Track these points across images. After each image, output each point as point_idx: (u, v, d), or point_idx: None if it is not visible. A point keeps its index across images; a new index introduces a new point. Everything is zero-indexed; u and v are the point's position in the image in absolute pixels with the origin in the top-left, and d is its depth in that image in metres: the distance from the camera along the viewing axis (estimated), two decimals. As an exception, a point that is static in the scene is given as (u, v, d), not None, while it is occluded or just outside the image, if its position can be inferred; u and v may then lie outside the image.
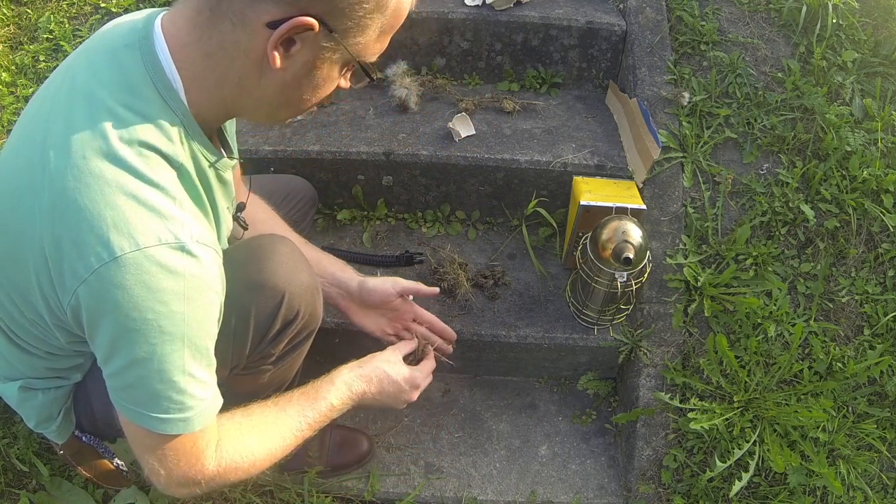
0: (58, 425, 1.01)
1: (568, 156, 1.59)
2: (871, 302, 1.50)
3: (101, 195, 0.69)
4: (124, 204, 0.69)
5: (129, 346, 0.72)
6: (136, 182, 0.71)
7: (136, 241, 0.69)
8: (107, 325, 0.71)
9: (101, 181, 0.69)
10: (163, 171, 0.73)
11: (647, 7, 1.75)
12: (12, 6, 2.00)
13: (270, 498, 1.39)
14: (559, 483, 1.44)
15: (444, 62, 1.83)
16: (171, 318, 0.72)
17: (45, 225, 0.71)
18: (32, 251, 0.73)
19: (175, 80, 0.76)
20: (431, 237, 1.69)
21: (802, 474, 1.35)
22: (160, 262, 0.70)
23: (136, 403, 0.77)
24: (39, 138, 0.73)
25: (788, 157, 1.59)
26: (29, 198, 0.73)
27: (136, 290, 0.69)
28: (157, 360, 0.73)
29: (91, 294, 0.70)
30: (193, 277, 0.73)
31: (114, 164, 0.70)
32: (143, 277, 0.69)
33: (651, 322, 1.47)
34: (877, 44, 1.69)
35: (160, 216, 0.71)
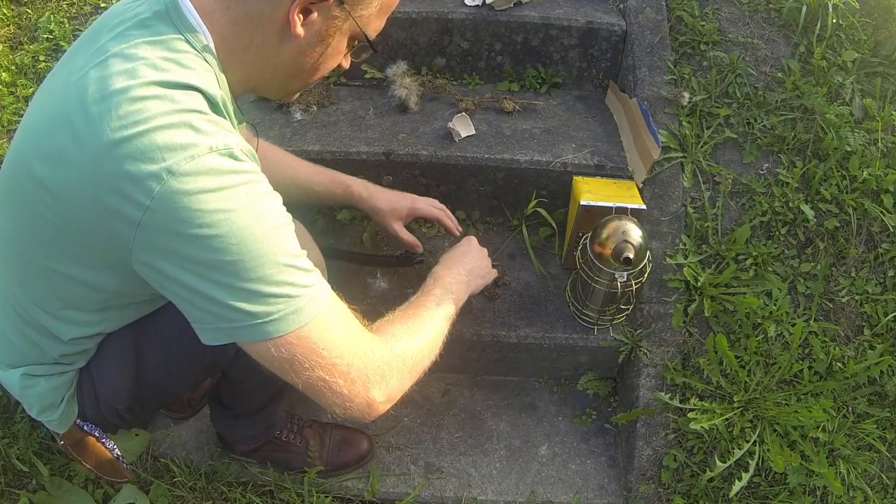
0: (60, 413, 1.00)
1: (568, 156, 1.59)
2: (871, 302, 1.50)
3: (147, 127, 0.71)
4: (171, 128, 0.72)
5: (213, 252, 0.73)
6: (179, 111, 0.73)
7: (189, 153, 0.71)
8: (184, 241, 0.72)
9: (146, 115, 0.71)
10: (202, 103, 0.77)
11: (647, 7, 1.75)
12: (12, 6, 2.00)
13: (270, 498, 1.39)
14: (559, 483, 1.44)
15: (444, 62, 1.83)
16: (242, 211, 0.73)
17: (95, 171, 0.72)
18: (84, 201, 0.74)
19: (208, 38, 0.80)
20: (431, 237, 1.68)
21: (802, 474, 1.35)
22: (217, 167, 0.72)
23: (241, 315, 0.75)
24: (75, 103, 0.74)
25: (788, 157, 1.59)
26: (73, 153, 0.74)
27: (200, 196, 0.71)
28: (244, 258, 0.73)
29: (159, 216, 0.71)
30: (250, 173, 0.76)
31: (155, 100, 0.73)
32: (204, 183, 0.71)
33: (651, 322, 1.47)
34: (877, 44, 1.69)
35: (206, 133, 0.73)
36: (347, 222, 1.70)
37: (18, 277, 0.88)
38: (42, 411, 1.00)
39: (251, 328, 0.76)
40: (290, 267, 0.77)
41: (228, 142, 0.74)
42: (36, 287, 0.88)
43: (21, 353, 0.96)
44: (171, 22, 0.79)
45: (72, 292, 0.86)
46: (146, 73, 0.74)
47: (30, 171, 0.78)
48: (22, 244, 0.84)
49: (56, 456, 1.39)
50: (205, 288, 0.74)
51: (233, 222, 0.72)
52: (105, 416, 1.05)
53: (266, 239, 0.75)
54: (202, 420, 1.49)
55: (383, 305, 1.51)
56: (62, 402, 1.00)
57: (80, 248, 0.80)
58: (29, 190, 0.79)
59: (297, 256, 0.78)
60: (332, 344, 0.81)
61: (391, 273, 1.59)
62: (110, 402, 1.02)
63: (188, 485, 1.37)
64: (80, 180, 0.73)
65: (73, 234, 0.78)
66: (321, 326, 0.80)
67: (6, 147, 1.68)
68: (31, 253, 0.84)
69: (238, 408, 1.31)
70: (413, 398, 1.58)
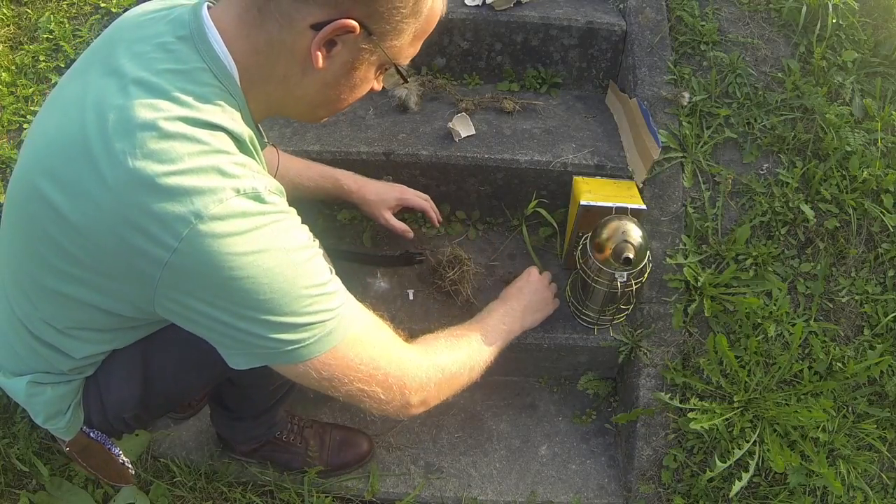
0: (67, 421, 1.00)
1: (568, 156, 1.59)
2: (871, 302, 1.50)
3: (174, 168, 0.70)
4: (199, 172, 0.71)
5: (243, 292, 0.74)
6: (206, 153, 0.73)
7: (218, 196, 0.71)
8: (213, 281, 0.73)
9: (172, 155, 0.71)
10: (229, 144, 0.76)
11: (647, 7, 1.75)
12: (12, 6, 2.00)
13: (270, 498, 1.39)
14: (559, 483, 1.44)
15: (444, 62, 1.83)
16: (271, 251, 0.74)
17: (118, 210, 0.71)
18: (104, 236, 0.73)
19: (232, 68, 0.79)
20: (431, 237, 1.68)
21: (802, 474, 1.35)
22: (243, 209, 0.73)
23: (279, 344, 0.78)
24: (94, 129, 0.73)
25: (788, 157, 1.59)
26: (93, 187, 0.72)
27: (228, 238, 0.71)
28: (275, 295, 0.75)
29: (186, 259, 0.71)
30: (276, 213, 0.76)
31: (182, 140, 0.72)
32: (231, 226, 0.72)
33: (651, 322, 1.47)
34: (877, 44, 1.69)
35: (233, 176, 0.73)
36: (347, 222, 1.70)
37: (27, 294, 0.87)
38: (48, 419, 0.99)
39: (285, 354, 0.79)
40: (320, 296, 0.79)
41: (255, 184, 0.74)
42: (46, 306, 0.86)
43: (27, 363, 0.95)
44: (195, 48, 0.77)
45: (83, 315, 0.86)
46: (171, 108, 0.73)
47: (40, 193, 0.76)
48: (31, 264, 0.83)
49: (56, 456, 1.39)
50: (236, 322, 0.76)
51: (261, 263, 0.74)
52: (111, 423, 1.04)
53: (295, 275, 0.76)
54: (202, 420, 1.49)
55: (383, 305, 1.51)
56: (69, 410, 0.99)
57: (98, 278, 0.79)
58: (39, 211, 0.77)
59: (325, 284, 0.80)
60: (368, 356, 0.85)
61: (391, 273, 1.59)
62: (117, 410, 1.02)
63: (188, 485, 1.38)
64: (102, 216, 0.72)
65: (90, 265, 0.77)
66: (354, 343, 0.83)
67: (6, 147, 1.68)
68: (41, 274, 0.82)
69: (241, 411, 1.31)
70: (413, 398, 1.58)
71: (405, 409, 0.93)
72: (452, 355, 1.03)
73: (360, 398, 0.87)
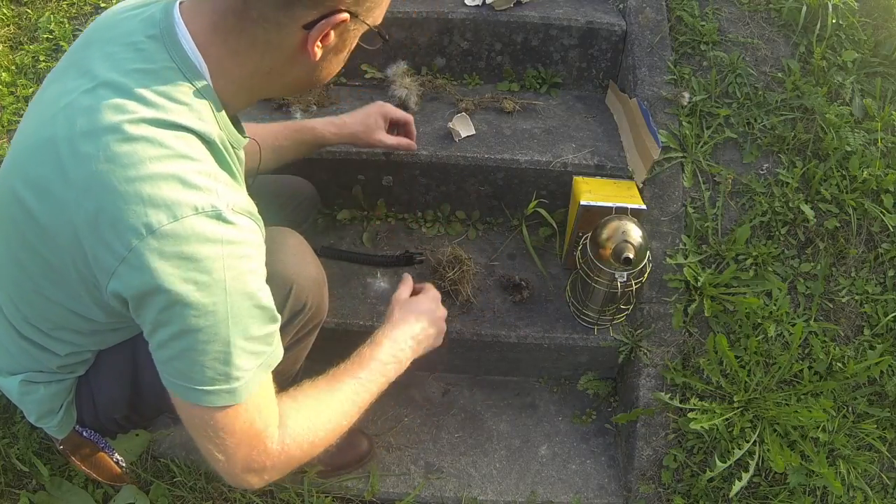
0: (59, 420, 1.00)
1: (568, 156, 1.59)
2: (871, 302, 1.50)
3: (135, 174, 0.69)
4: (158, 179, 0.69)
5: (173, 318, 0.71)
6: (170, 158, 0.70)
7: (173, 212, 0.68)
8: (151, 300, 0.71)
9: (134, 159, 0.69)
10: (196, 147, 0.74)
11: (647, 7, 1.75)
12: (12, 6, 2.00)
13: (270, 498, 1.39)
14: (559, 483, 1.44)
15: (444, 62, 1.83)
16: (213, 287, 0.71)
17: (78, 210, 0.71)
18: (66, 237, 0.73)
19: (202, 68, 0.77)
20: (431, 237, 1.68)
21: (802, 474, 1.35)
22: (198, 232, 0.69)
23: (181, 377, 0.75)
24: (63, 132, 0.73)
25: (788, 157, 1.59)
26: (58, 187, 0.72)
27: (175, 261, 0.69)
28: (201, 332, 0.72)
29: (132, 271, 0.70)
30: (232, 244, 0.72)
31: (145, 143, 0.70)
32: (182, 248, 0.69)
33: (651, 322, 1.47)
34: (877, 44, 1.69)
35: (195, 188, 0.70)
36: (347, 222, 1.70)
37: (11, 297, 0.88)
38: (41, 417, 1.00)
39: (187, 391, 0.76)
40: (245, 352, 0.76)
41: (217, 203, 0.71)
42: (27, 309, 0.87)
43: (19, 362, 0.96)
44: (164, 47, 0.75)
45: (62, 318, 0.86)
46: (137, 109, 0.71)
47: (15, 195, 0.76)
48: (13, 267, 0.83)
49: (56, 456, 1.39)
50: (159, 344, 0.74)
51: (203, 296, 0.70)
52: (103, 423, 1.05)
53: (231, 320, 0.73)
54: (202, 420, 1.49)
55: (383, 305, 1.51)
56: (61, 409, 1.00)
57: (64, 280, 0.78)
58: (17, 214, 0.77)
59: (254, 340, 0.77)
60: (234, 431, 0.79)
61: (391, 273, 1.59)
62: (108, 410, 1.02)
63: (188, 485, 1.37)
64: (64, 216, 0.72)
65: (57, 267, 0.77)
66: (237, 414, 0.78)
67: (6, 148, 1.68)
68: (22, 277, 0.83)
69: None
70: (413, 398, 1.58)
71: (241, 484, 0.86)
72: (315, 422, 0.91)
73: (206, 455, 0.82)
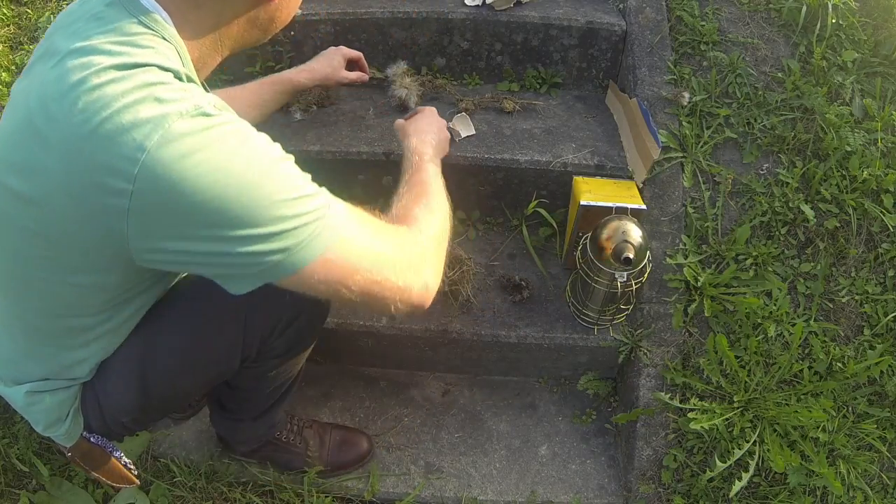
0: (67, 428, 1.00)
1: (568, 156, 1.59)
2: (871, 302, 1.50)
3: (111, 111, 0.68)
4: (134, 105, 0.68)
5: (212, 215, 0.70)
6: (140, 88, 0.70)
7: (160, 124, 0.68)
8: (176, 218, 0.70)
9: (107, 100, 0.69)
10: (164, 75, 0.73)
11: (647, 7, 1.75)
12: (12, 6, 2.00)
13: (270, 498, 1.39)
14: (559, 483, 1.44)
15: (444, 62, 1.83)
16: (230, 162, 0.71)
17: (69, 171, 0.70)
18: (64, 204, 0.72)
19: (165, 18, 0.78)
20: (431, 237, 1.68)
21: (802, 474, 1.35)
22: (191, 129, 0.69)
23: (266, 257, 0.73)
24: (35, 106, 0.72)
25: (788, 157, 1.59)
26: (42, 158, 0.71)
27: (183, 161, 0.68)
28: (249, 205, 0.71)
29: (144, 200, 0.68)
30: (225, 124, 0.73)
31: (113, 84, 0.69)
32: (182, 148, 0.68)
33: (651, 322, 1.47)
34: (877, 44, 1.69)
35: (172, 101, 0.70)
36: (347, 222, 1.70)
37: (17, 294, 0.87)
38: (48, 427, 0.99)
39: (277, 266, 0.75)
40: (297, 199, 0.74)
41: (198, 102, 0.71)
42: (35, 301, 0.86)
43: (25, 370, 0.95)
44: (124, 9, 0.76)
45: (73, 300, 0.85)
46: (100, 60, 0.71)
47: (5, 187, 0.76)
48: (14, 261, 0.82)
49: (56, 456, 1.39)
50: (217, 248, 0.72)
51: (225, 177, 0.70)
52: (110, 427, 1.04)
53: (263, 180, 0.72)
54: (202, 420, 1.49)
55: (383, 305, 1.52)
56: (68, 417, 1.00)
57: (74, 255, 0.77)
58: (8, 206, 0.77)
59: (300, 186, 0.76)
60: (366, 250, 0.81)
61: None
62: (115, 414, 1.02)
63: (188, 485, 1.38)
64: (57, 185, 0.71)
65: (64, 243, 0.76)
66: (346, 239, 0.79)
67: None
68: (25, 268, 0.82)
69: (240, 412, 1.31)
70: (413, 398, 1.58)
71: (427, 289, 0.88)
72: (436, 218, 0.99)
73: (374, 292, 0.82)
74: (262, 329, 1.04)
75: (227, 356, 1.04)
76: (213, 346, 1.02)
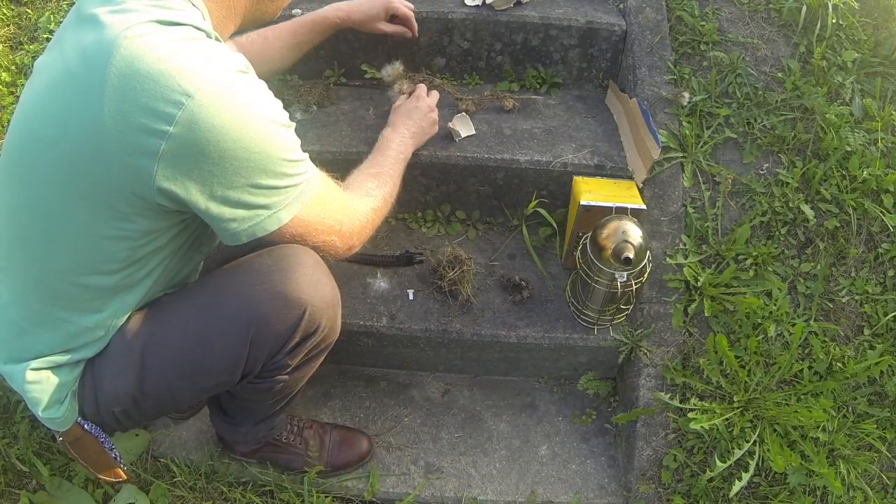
0: (64, 410, 1.00)
1: (568, 156, 1.59)
2: (871, 302, 1.50)
3: (158, 55, 0.75)
4: (180, 54, 0.76)
5: (234, 162, 0.80)
6: (183, 39, 0.78)
7: (204, 74, 0.76)
8: (204, 161, 0.79)
9: (150, 44, 0.75)
10: (202, 35, 0.82)
11: (647, 7, 1.75)
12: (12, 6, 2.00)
13: (270, 498, 1.39)
14: (559, 483, 1.44)
15: (444, 62, 1.83)
16: (257, 120, 0.82)
17: (106, 112, 0.74)
18: (99, 147, 0.76)
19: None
20: (431, 237, 1.68)
21: (802, 474, 1.35)
22: (230, 82, 0.79)
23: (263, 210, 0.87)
24: (73, 59, 0.78)
25: (788, 157, 1.59)
26: (80, 101, 0.76)
27: (222, 113, 0.77)
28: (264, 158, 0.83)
29: (179, 141, 0.76)
30: (256, 84, 0.84)
31: (156, 34, 0.77)
32: (220, 99, 0.77)
33: (651, 322, 1.47)
34: (877, 44, 1.69)
35: (215, 55, 0.79)
36: (347, 222, 1.70)
37: (39, 252, 0.89)
38: (47, 407, 0.99)
39: (268, 220, 0.89)
40: (294, 161, 0.89)
41: (235, 60, 0.81)
42: (56, 259, 0.88)
43: (32, 344, 0.95)
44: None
45: (95, 255, 0.88)
46: (140, 16, 0.77)
47: (35, 136, 0.80)
48: (39, 217, 0.85)
49: (56, 456, 1.39)
50: (232, 194, 0.83)
51: (250, 131, 0.80)
52: (102, 415, 1.04)
53: (275, 140, 0.85)
54: (202, 420, 1.49)
55: (383, 305, 1.52)
56: (66, 399, 1.00)
57: (99, 203, 0.82)
58: (39, 158, 0.81)
59: (296, 150, 0.90)
60: (330, 212, 0.99)
61: (391, 273, 1.59)
62: (108, 402, 1.02)
63: (188, 485, 1.38)
64: (94, 126, 0.75)
65: (92, 190, 0.81)
66: (319, 201, 0.96)
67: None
68: (49, 222, 0.85)
69: (240, 419, 1.31)
70: (413, 398, 1.58)
71: (350, 250, 1.07)
72: (380, 194, 1.17)
73: (322, 249, 1.01)
74: (269, 348, 1.02)
75: (228, 369, 1.03)
76: (214, 356, 1.01)
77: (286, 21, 1.45)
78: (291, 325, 1.00)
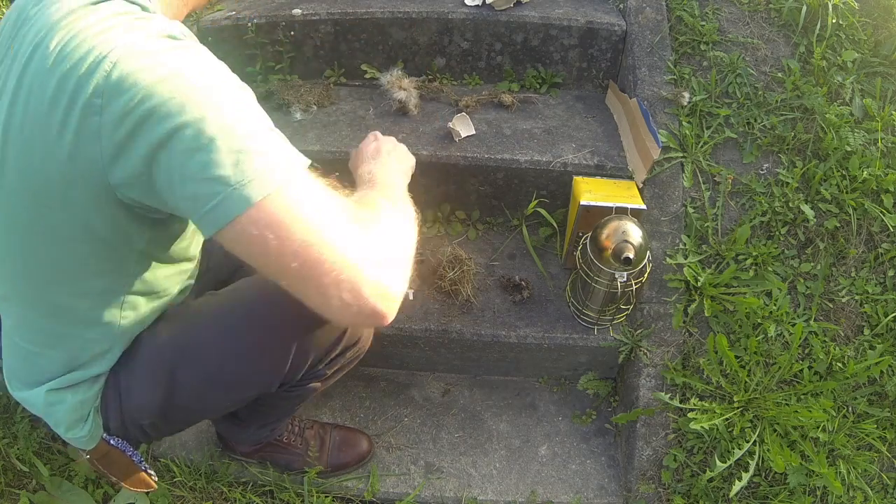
0: (89, 427, 0.98)
1: (568, 156, 1.59)
2: (871, 302, 1.50)
3: (78, 39, 0.72)
4: (102, 33, 0.73)
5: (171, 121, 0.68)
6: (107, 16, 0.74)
7: (127, 41, 0.71)
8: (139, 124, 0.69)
9: (74, 30, 0.73)
10: (134, 8, 0.78)
11: (647, 7, 1.75)
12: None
13: (270, 498, 1.39)
14: (559, 483, 1.44)
15: (444, 62, 1.83)
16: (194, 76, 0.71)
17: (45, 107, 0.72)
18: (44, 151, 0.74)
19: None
20: (431, 237, 1.68)
21: (802, 474, 1.35)
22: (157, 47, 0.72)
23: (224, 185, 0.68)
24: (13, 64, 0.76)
25: (788, 157, 1.59)
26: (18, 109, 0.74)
27: (148, 71, 0.69)
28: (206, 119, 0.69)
29: (112, 109, 0.69)
30: (192, 46, 0.75)
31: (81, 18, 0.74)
32: (149, 61, 0.70)
33: (651, 322, 1.47)
34: (877, 44, 1.69)
35: (141, 27, 0.74)
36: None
37: (35, 272, 0.86)
38: (70, 427, 0.97)
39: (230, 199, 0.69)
40: (252, 133, 0.71)
41: (163, 27, 0.74)
42: (49, 273, 0.85)
43: (46, 366, 0.93)
44: None
45: (80, 263, 0.84)
46: (70, 4, 0.75)
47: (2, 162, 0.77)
48: (18, 233, 0.82)
49: (56, 456, 1.39)
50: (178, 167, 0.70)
51: (187, 89, 0.69)
52: (128, 428, 1.01)
53: (222, 101, 0.71)
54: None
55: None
56: (89, 417, 0.97)
57: (56, 210, 0.78)
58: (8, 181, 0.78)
59: (258, 119, 0.73)
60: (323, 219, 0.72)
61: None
62: (135, 415, 0.99)
63: (188, 485, 1.38)
64: (39, 126, 0.73)
65: (49, 198, 0.77)
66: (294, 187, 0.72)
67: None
68: (31, 241, 0.82)
69: (249, 420, 1.30)
70: (413, 398, 1.58)
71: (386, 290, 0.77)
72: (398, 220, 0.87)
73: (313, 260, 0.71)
74: (311, 360, 1.01)
75: (268, 381, 1.02)
76: (253, 369, 0.99)
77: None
78: (336, 338, 1.00)
